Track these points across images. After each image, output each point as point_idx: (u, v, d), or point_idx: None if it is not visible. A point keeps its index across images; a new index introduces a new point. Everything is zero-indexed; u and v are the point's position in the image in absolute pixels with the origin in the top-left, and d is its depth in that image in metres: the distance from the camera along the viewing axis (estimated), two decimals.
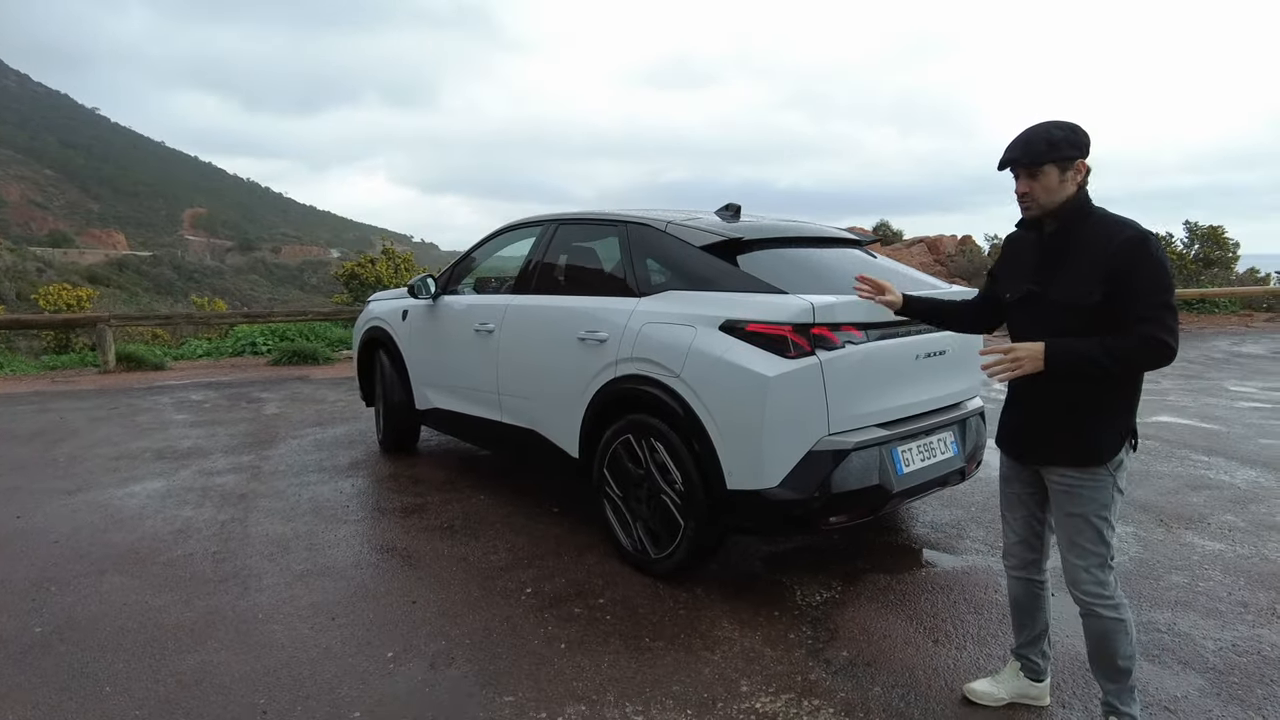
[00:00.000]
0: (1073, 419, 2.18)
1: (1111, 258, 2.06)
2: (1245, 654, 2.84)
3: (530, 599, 3.30)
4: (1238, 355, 10.39)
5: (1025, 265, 2.30)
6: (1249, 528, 4.07)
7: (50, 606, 3.24)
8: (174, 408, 7.24)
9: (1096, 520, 2.19)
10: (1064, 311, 2.14)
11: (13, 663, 2.80)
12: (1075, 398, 2.16)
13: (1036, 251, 2.27)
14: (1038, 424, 2.26)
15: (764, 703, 2.55)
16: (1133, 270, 2.04)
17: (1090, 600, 2.22)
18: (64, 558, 3.74)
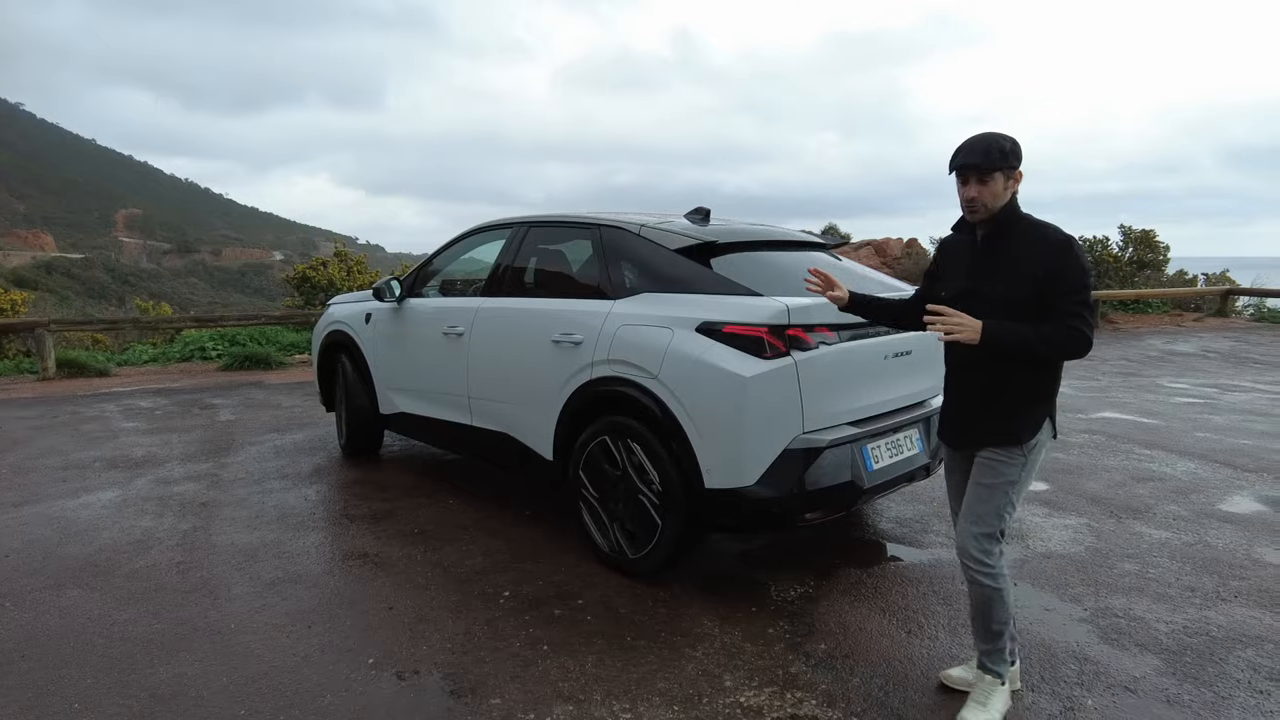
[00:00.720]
0: (999, 406, 2.39)
1: (1042, 259, 2.28)
2: (1196, 635, 3.00)
3: (510, 602, 3.29)
4: (1171, 353, 10.88)
5: (961, 265, 2.49)
6: (1191, 516, 4.28)
7: (7, 623, 3.12)
8: (123, 415, 7.01)
9: (1000, 495, 2.40)
10: (998, 307, 2.33)
11: None
12: (1001, 386, 2.38)
13: (971, 253, 2.47)
14: (970, 412, 2.47)
15: (748, 696, 2.61)
16: (1060, 270, 2.26)
17: (974, 567, 2.42)
18: (17, 573, 3.60)
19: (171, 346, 10.32)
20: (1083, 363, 10.08)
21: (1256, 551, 3.80)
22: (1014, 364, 2.34)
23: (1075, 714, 2.51)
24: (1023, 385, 2.37)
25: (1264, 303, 15.11)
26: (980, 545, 2.41)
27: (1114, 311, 14.49)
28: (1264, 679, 2.71)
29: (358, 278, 12.62)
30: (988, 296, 2.36)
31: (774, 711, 2.53)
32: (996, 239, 2.40)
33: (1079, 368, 9.69)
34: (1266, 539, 3.95)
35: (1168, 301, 15.15)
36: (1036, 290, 2.28)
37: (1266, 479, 4.94)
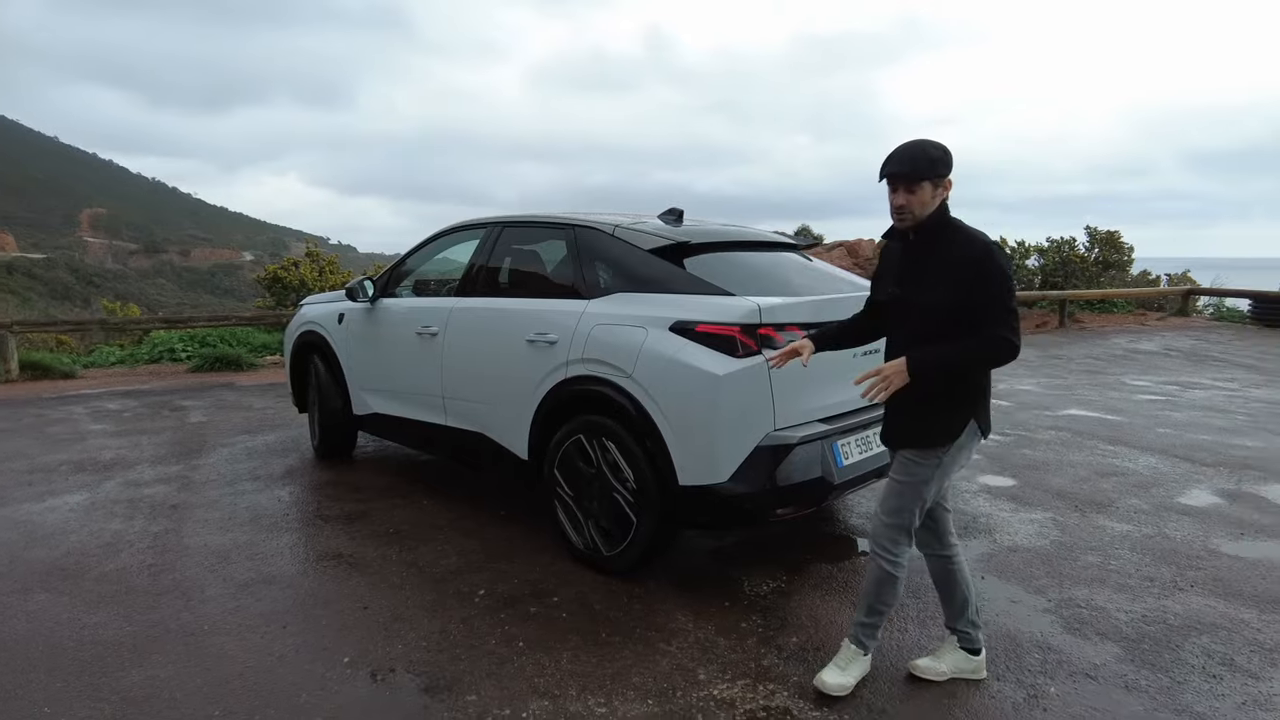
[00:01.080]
0: (919, 410, 2.47)
1: (964, 267, 2.35)
2: (1154, 623, 3.10)
3: (485, 600, 3.31)
4: (1135, 352, 11.12)
5: (893, 270, 2.58)
6: (1151, 510, 4.40)
7: None
8: (90, 418, 6.90)
9: (912, 492, 2.51)
10: (923, 313, 2.42)
11: None
12: (925, 393, 2.43)
13: (901, 258, 2.54)
14: (896, 415, 2.57)
15: (721, 689, 2.65)
16: (981, 278, 2.33)
17: (877, 550, 2.57)
18: None
19: (140, 348, 10.16)
20: (1050, 361, 10.29)
21: (1212, 542, 3.92)
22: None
23: (1039, 701, 2.58)
24: (942, 392, 2.44)
25: (1223, 302, 15.48)
26: (890, 535, 2.54)
27: (1080, 311, 14.77)
28: (1217, 664, 2.80)
29: (330, 278, 12.50)
30: (915, 302, 2.44)
31: (747, 704, 2.57)
32: (923, 246, 2.47)
33: (1046, 367, 9.89)
34: (1222, 530, 4.07)
35: (1132, 301, 15.48)
36: (960, 297, 2.35)
37: (1223, 473, 5.09)
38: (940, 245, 2.43)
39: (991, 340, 2.33)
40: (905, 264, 2.52)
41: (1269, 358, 10.57)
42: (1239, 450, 5.63)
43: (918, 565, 3.63)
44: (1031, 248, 17.45)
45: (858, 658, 2.64)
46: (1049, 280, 16.70)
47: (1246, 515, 4.30)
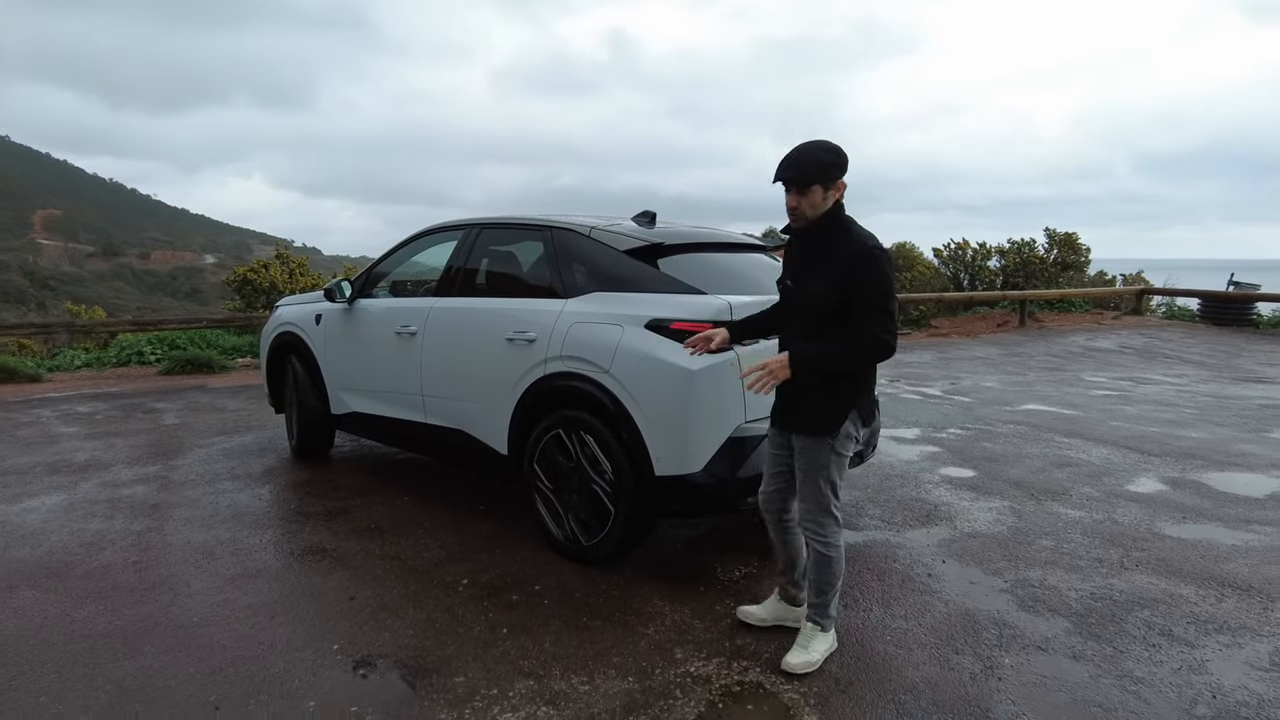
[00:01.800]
0: (809, 399, 2.65)
1: (848, 266, 2.50)
2: (1101, 600, 3.31)
3: (468, 590, 3.42)
4: (1092, 349, 11.52)
5: (785, 270, 2.75)
6: (1103, 497, 4.64)
7: None
8: (60, 421, 6.86)
9: (819, 476, 2.69)
10: (810, 309, 2.57)
11: None
12: (814, 384, 2.62)
13: (792, 257, 2.72)
14: (787, 402, 2.75)
15: (697, 667, 2.80)
16: (862, 280, 2.48)
17: (811, 534, 2.76)
18: None
19: (106, 351, 10.05)
20: (1011, 359, 10.62)
21: (1157, 526, 4.16)
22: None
23: (994, 671, 2.76)
24: (826, 386, 2.62)
25: (1174, 302, 16.03)
26: (814, 519, 2.73)
27: (1040, 310, 15.20)
28: (1156, 635, 3.01)
29: (300, 280, 12.46)
30: (802, 296, 2.60)
31: (721, 679, 2.72)
32: (814, 244, 2.61)
33: (1008, 364, 10.21)
34: (1166, 515, 4.32)
35: (1089, 301, 15.96)
36: (843, 294, 2.50)
37: (1169, 462, 5.36)
38: (830, 244, 2.57)
39: (868, 339, 2.49)
40: (798, 263, 2.67)
41: (1216, 354, 11.02)
42: (1184, 441, 5.92)
43: (881, 550, 3.82)
44: (993, 249, 17.93)
45: (818, 634, 2.80)
46: (1010, 281, 17.16)
47: (1189, 500, 4.56)
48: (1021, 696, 2.61)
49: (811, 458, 2.68)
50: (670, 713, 2.53)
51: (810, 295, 2.57)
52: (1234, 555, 3.76)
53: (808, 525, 2.76)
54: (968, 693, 2.63)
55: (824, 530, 2.73)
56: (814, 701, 2.59)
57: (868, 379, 2.73)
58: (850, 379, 2.65)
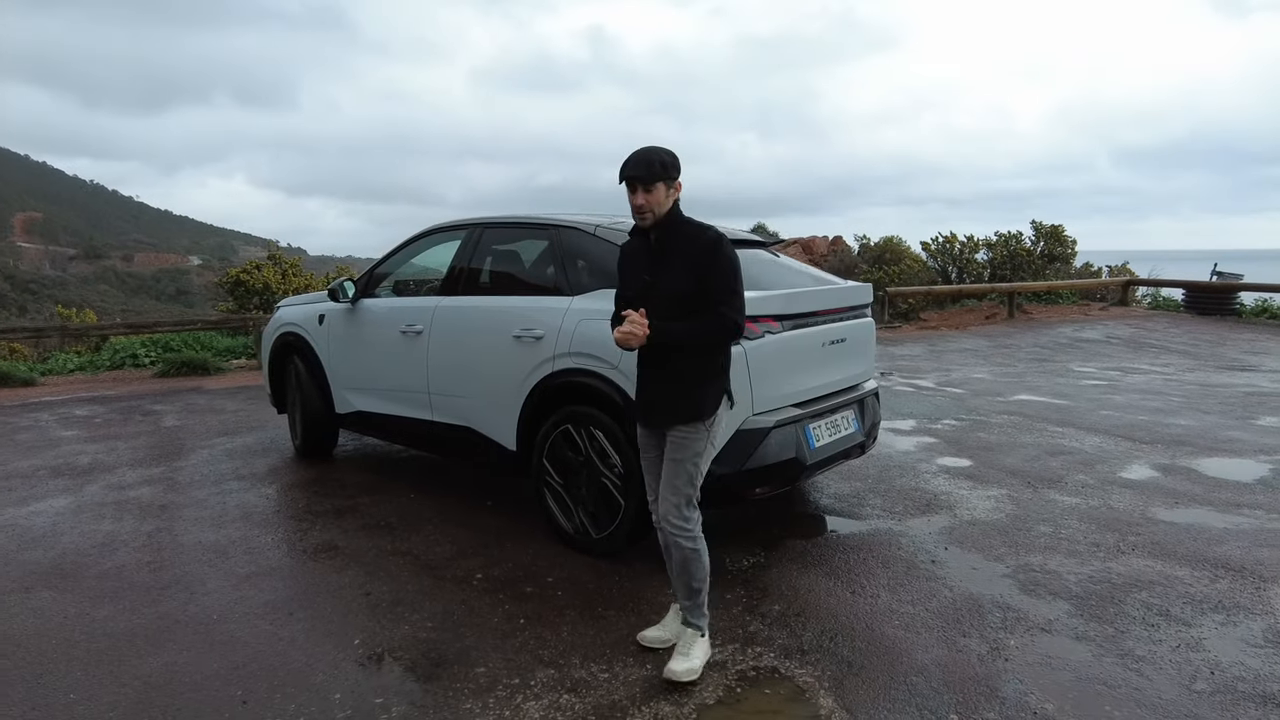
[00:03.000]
0: (682, 388, 2.69)
1: (699, 255, 2.65)
2: (1099, 583, 3.40)
3: (482, 583, 3.48)
4: (1079, 340, 11.68)
5: (640, 265, 2.77)
6: (1097, 484, 4.75)
7: None
8: (59, 424, 6.85)
9: (690, 465, 2.70)
10: (669, 300, 2.65)
11: None
12: (682, 371, 2.68)
13: (646, 254, 2.76)
14: (660, 396, 2.73)
15: (713, 654, 2.86)
16: (714, 264, 2.64)
17: (674, 531, 2.72)
18: None
19: (100, 355, 10.00)
20: (1001, 351, 10.76)
21: (1150, 511, 4.26)
22: (685, 355, 2.66)
23: (1000, 652, 2.85)
24: (695, 370, 2.69)
25: (1159, 292, 16.25)
26: (679, 513, 2.71)
27: (1028, 302, 15.38)
28: (1154, 615, 3.11)
29: (293, 280, 12.43)
30: (662, 291, 2.67)
31: (737, 665, 2.79)
32: (664, 241, 2.72)
33: (998, 355, 10.34)
34: (1159, 500, 4.43)
35: (1076, 292, 16.16)
36: (698, 282, 2.64)
37: (1159, 449, 5.48)
38: (677, 239, 2.70)
39: (720, 319, 2.62)
40: (652, 259, 2.73)
41: (1201, 343, 11.21)
42: (1173, 429, 6.05)
43: (884, 539, 3.90)
44: (980, 242, 18.09)
45: (696, 639, 2.73)
46: (997, 273, 17.34)
47: (1180, 486, 4.67)
48: (1028, 676, 2.69)
49: (687, 446, 2.69)
50: (690, 697, 2.59)
51: (673, 288, 2.67)
52: (1226, 538, 3.87)
53: (672, 520, 2.71)
54: (976, 673, 2.72)
55: (688, 523, 2.71)
56: (828, 684, 2.67)
57: (729, 360, 2.80)
58: (716, 362, 2.73)
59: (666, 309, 2.64)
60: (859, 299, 4.13)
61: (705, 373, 2.71)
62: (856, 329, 4.03)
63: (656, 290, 2.69)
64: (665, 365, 2.70)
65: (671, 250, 2.71)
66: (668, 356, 2.68)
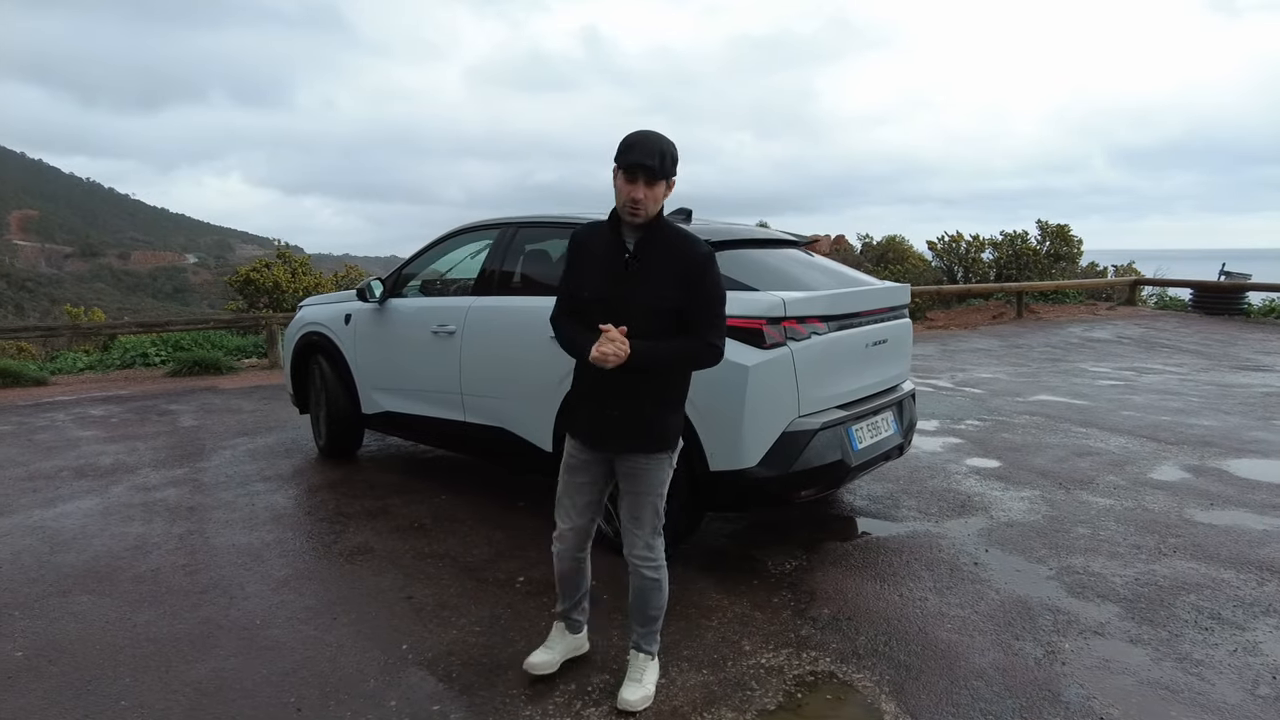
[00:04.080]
0: (645, 412, 2.44)
1: (686, 271, 2.36)
2: (1146, 585, 3.38)
3: (525, 587, 3.45)
4: (1090, 340, 11.67)
5: (602, 267, 2.42)
6: (1129, 486, 4.73)
7: (21, 631, 3.11)
8: (76, 424, 6.79)
9: (655, 498, 2.54)
10: (644, 314, 2.36)
11: (4, 688, 2.71)
12: (644, 393, 2.42)
13: (618, 256, 2.40)
14: (618, 419, 2.44)
15: (767, 658, 2.84)
16: (701, 283, 2.38)
17: (640, 564, 2.57)
18: (14, 582, 3.55)
19: (109, 354, 9.94)
20: (1013, 350, 10.74)
21: (1187, 513, 4.25)
22: (649, 375, 2.40)
23: (1056, 656, 2.83)
24: (658, 393, 2.45)
25: (1165, 292, 16.26)
26: (646, 544, 2.55)
27: (1035, 302, 15.38)
28: (1207, 618, 3.09)
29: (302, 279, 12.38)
30: (638, 303, 2.36)
31: (794, 669, 2.77)
32: (647, 246, 2.39)
33: (1010, 355, 10.33)
34: (1194, 502, 4.41)
35: (1082, 292, 16.16)
36: (683, 298, 2.37)
37: (1186, 450, 5.46)
38: (660, 246, 2.39)
39: (707, 346, 2.39)
40: (627, 264, 2.39)
41: (1212, 343, 11.20)
42: (1197, 429, 6.03)
43: (924, 541, 3.88)
44: (985, 241, 18.09)
45: (649, 664, 2.63)
46: (1003, 273, 17.34)
47: (1213, 487, 4.66)
48: (1088, 680, 2.67)
49: (651, 477, 2.50)
50: (750, 703, 2.57)
51: (653, 300, 2.37)
52: (1267, 540, 3.85)
53: (641, 554, 2.54)
54: (1035, 677, 2.70)
55: (655, 554, 2.57)
56: (888, 689, 2.64)
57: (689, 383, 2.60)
58: (681, 388, 2.54)
59: (637, 323, 2.33)
60: (898, 299, 4.10)
61: (671, 397, 2.49)
62: (896, 329, 4.01)
63: (629, 301, 2.36)
64: (623, 383, 2.38)
65: (652, 258, 2.38)
66: (630, 376, 2.36)
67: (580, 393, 2.55)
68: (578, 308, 2.47)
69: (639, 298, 2.38)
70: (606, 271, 2.42)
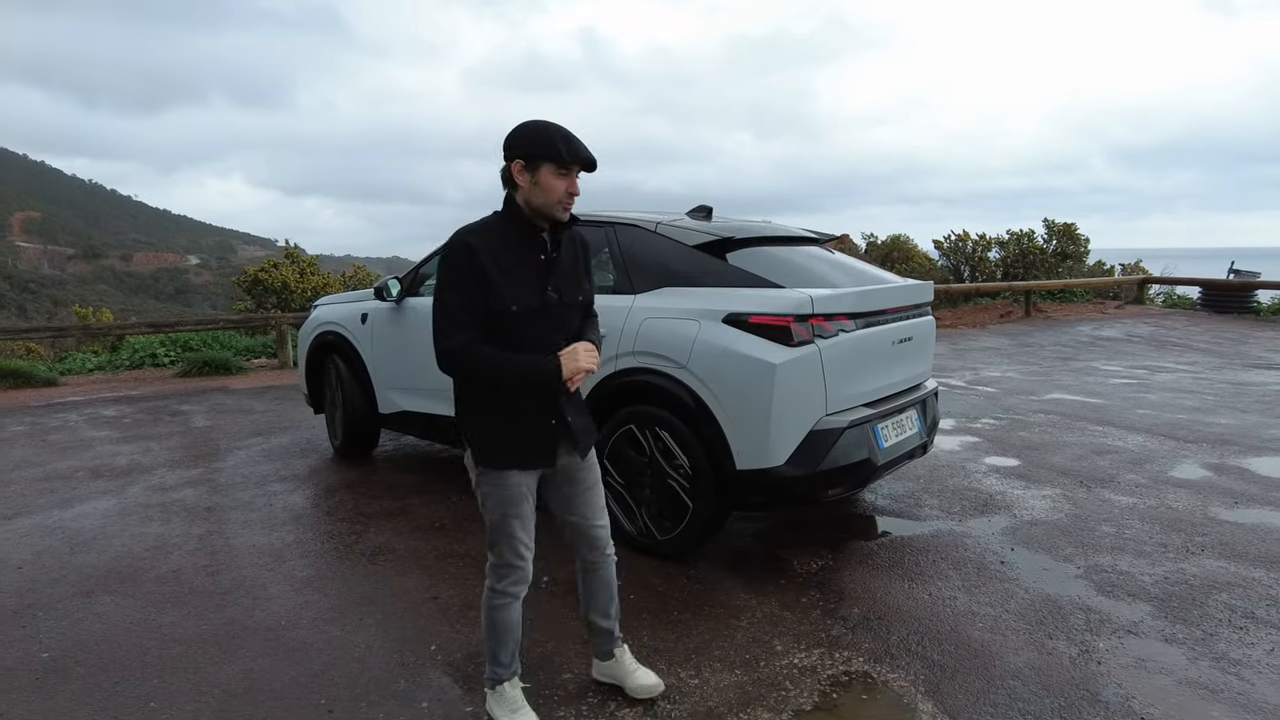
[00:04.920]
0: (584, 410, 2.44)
1: (587, 255, 2.41)
2: (1177, 584, 3.35)
3: (551, 586, 3.42)
4: (1100, 339, 11.64)
5: (526, 274, 2.21)
6: (1150, 484, 4.70)
7: (46, 632, 3.09)
8: (88, 424, 6.78)
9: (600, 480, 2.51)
10: (570, 313, 2.30)
11: (32, 690, 2.69)
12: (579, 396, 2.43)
13: (537, 258, 2.23)
14: (577, 420, 2.37)
15: (800, 658, 2.81)
16: (589, 265, 2.42)
17: (610, 554, 2.52)
18: (37, 583, 3.53)
19: (118, 354, 9.92)
20: (1023, 349, 10.71)
21: (1211, 511, 4.22)
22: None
23: (1091, 655, 2.80)
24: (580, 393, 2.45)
25: (1174, 290, 16.22)
26: (609, 531, 2.52)
27: (1043, 301, 15.34)
28: (1240, 617, 3.06)
29: (310, 279, 12.36)
30: (564, 303, 2.26)
31: (827, 670, 2.74)
32: (562, 241, 2.30)
33: (1020, 354, 10.29)
34: (1217, 500, 4.38)
35: (1090, 290, 16.12)
36: (590, 290, 2.38)
37: (1205, 448, 5.43)
38: (568, 238, 2.32)
39: (597, 321, 2.46)
40: (549, 264, 2.25)
41: (1223, 341, 11.17)
42: (1214, 427, 6.00)
43: (949, 540, 3.85)
44: (992, 240, 18.06)
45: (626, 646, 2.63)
46: (1010, 272, 17.30)
47: (1236, 485, 4.63)
48: (1126, 679, 2.65)
49: (595, 465, 2.47)
50: (786, 704, 2.54)
51: (571, 297, 2.30)
52: None
53: (610, 543, 2.50)
54: (1072, 676, 2.67)
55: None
56: (924, 689, 2.62)
57: None
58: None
59: (572, 324, 2.28)
60: (923, 297, 4.07)
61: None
62: (920, 327, 3.98)
63: (564, 303, 2.25)
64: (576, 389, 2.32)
65: (567, 254, 2.30)
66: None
67: (518, 415, 2.26)
68: (501, 325, 2.18)
69: (569, 298, 2.28)
70: (531, 277, 2.21)
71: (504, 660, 2.41)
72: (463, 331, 2.16)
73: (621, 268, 3.90)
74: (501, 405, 2.27)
